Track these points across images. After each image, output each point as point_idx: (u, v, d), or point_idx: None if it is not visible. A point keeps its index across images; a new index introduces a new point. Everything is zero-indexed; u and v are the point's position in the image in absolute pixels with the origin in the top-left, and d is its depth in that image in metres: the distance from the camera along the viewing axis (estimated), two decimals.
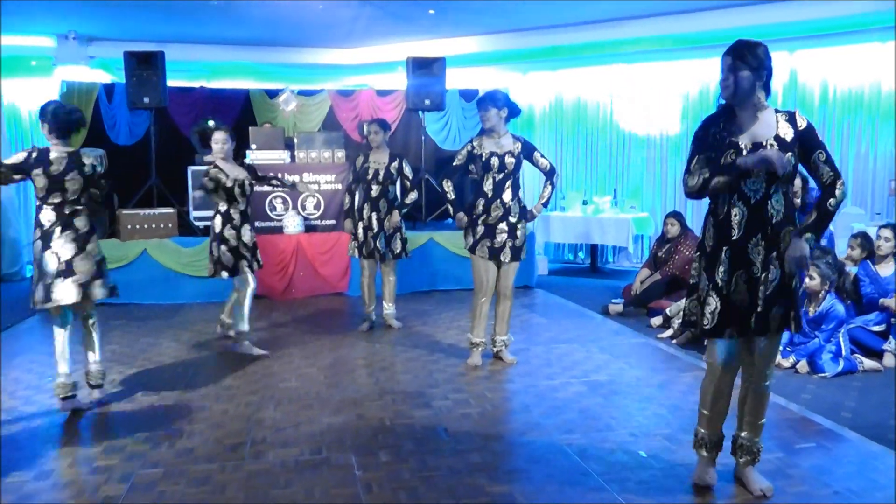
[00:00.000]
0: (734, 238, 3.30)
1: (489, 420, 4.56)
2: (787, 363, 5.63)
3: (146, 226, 8.42)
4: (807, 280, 5.70)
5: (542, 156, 5.56)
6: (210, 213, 6.08)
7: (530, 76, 11.60)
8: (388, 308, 6.96)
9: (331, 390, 5.14)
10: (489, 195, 5.39)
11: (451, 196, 5.55)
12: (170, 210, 8.64)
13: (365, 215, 6.58)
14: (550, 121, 11.68)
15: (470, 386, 5.22)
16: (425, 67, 9.27)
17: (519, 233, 5.46)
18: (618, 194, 10.66)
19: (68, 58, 9.72)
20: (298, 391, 5.12)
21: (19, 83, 11.12)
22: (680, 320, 6.49)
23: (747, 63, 3.24)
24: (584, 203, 10.46)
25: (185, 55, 10.23)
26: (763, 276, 3.30)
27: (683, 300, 6.55)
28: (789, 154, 3.24)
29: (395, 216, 6.57)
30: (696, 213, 10.19)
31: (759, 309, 3.32)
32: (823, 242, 6.73)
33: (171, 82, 9.38)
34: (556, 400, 4.89)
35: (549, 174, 5.58)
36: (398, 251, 6.69)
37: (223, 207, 5.87)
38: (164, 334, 6.88)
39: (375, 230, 6.54)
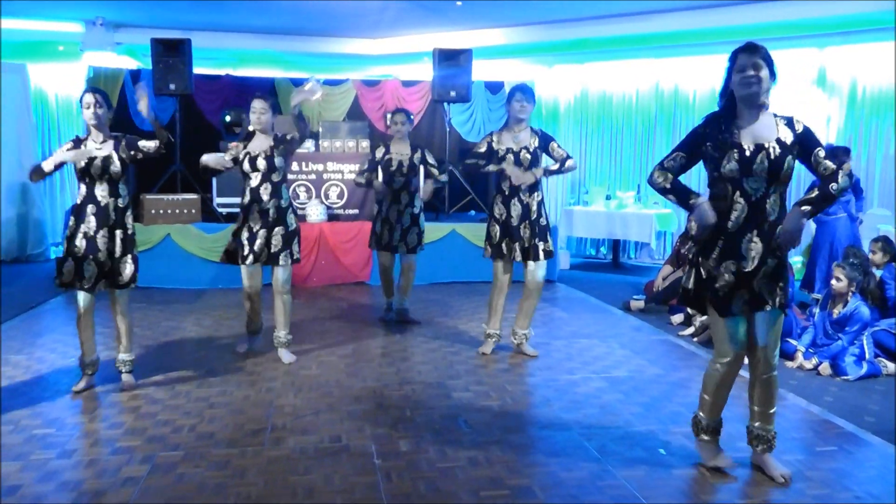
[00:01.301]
0: (730, 230, 3.43)
1: (509, 413, 4.55)
2: (809, 365, 5.58)
3: (169, 211, 8.48)
4: (833, 281, 5.65)
5: (558, 146, 5.49)
6: (237, 199, 5.97)
7: (556, 69, 11.55)
8: (404, 302, 6.77)
9: (351, 379, 5.16)
10: (506, 192, 5.40)
11: (481, 164, 5.46)
12: (193, 196, 8.70)
13: (384, 207, 6.46)
14: (575, 114, 11.62)
15: (490, 378, 5.21)
16: (452, 59, 9.25)
17: (539, 230, 5.43)
18: (641, 189, 10.60)
19: (96, 44, 9.78)
20: (319, 379, 5.14)
21: (47, 68, 11.22)
22: (702, 318, 6.48)
23: (768, 64, 3.35)
24: (608, 198, 10.41)
25: (212, 43, 10.27)
26: (759, 269, 3.44)
27: None
28: (789, 157, 3.37)
29: (430, 185, 6.47)
30: None
31: (746, 295, 3.48)
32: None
33: (198, 69, 9.45)
34: (577, 395, 4.88)
35: (564, 160, 5.45)
36: (413, 245, 6.50)
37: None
38: (186, 318, 6.93)
39: (393, 222, 6.42)
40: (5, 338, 6.17)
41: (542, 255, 5.47)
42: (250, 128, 5.46)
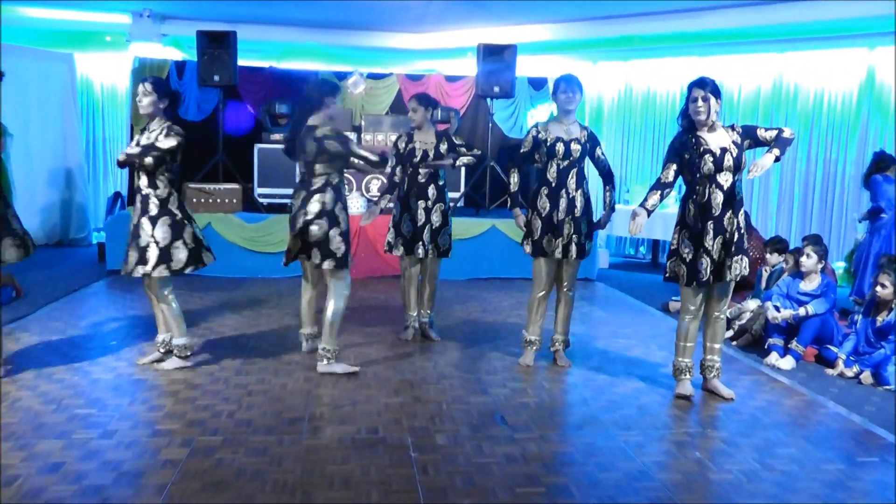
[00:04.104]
0: (716, 214, 4.53)
1: (546, 411, 4.54)
2: (850, 373, 5.43)
3: (211, 200, 8.58)
4: (878, 288, 5.52)
5: (602, 153, 5.32)
6: (279, 190, 5.97)
7: (600, 66, 11.45)
8: (425, 316, 6.10)
9: (388, 371, 5.17)
10: (553, 184, 5.14)
11: (514, 189, 5.31)
12: (235, 186, 8.79)
13: (412, 205, 5.79)
14: (619, 112, 11.51)
15: (528, 375, 5.20)
16: (496, 54, 9.20)
17: (583, 228, 5.23)
18: (683, 189, 10.46)
19: (142, 35, 9.90)
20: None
21: (94, 57, 11.43)
22: (741, 322, 6.39)
23: (714, 93, 4.50)
24: None
25: (257, 35, 10.33)
26: (731, 238, 4.56)
27: (746, 301, 6.50)
28: (745, 152, 4.59)
29: (463, 160, 5.85)
30: (761, 210, 9.98)
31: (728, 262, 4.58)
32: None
33: (242, 62, 9.52)
34: (615, 395, 4.84)
35: (609, 176, 5.36)
36: (445, 248, 5.90)
37: None
38: (226, 306, 7.00)
39: (421, 222, 5.77)
40: (48, 319, 6.31)
41: (587, 252, 5.32)
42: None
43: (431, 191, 5.78)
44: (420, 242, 5.76)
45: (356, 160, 5.00)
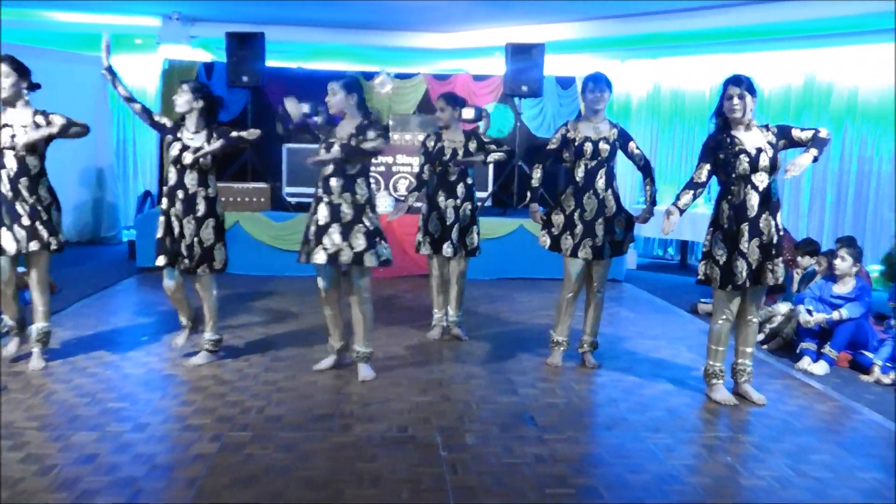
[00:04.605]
0: (752, 216, 4.44)
1: (575, 411, 4.51)
2: (887, 380, 5.31)
3: (239, 199, 8.64)
4: None
5: (637, 147, 5.27)
6: (307, 189, 5.99)
7: (628, 64, 11.37)
8: (453, 315, 6.07)
9: (417, 370, 5.17)
10: (580, 184, 5.10)
11: (535, 184, 5.26)
12: (263, 185, 8.84)
13: (441, 204, 5.78)
14: (648, 111, 11.42)
15: (556, 376, 5.17)
16: (524, 53, 9.19)
17: (617, 227, 5.18)
18: (711, 189, 10.35)
19: (171, 37, 10.01)
20: (386, 368, 5.15)
21: (125, 59, 11.53)
22: (772, 325, 6.30)
23: (750, 91, 4.43)
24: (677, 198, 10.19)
25: (284, 36, 10.38)
26: (769, 240, 4.47)
27: (777, 304, 6.41)
28: (780, 152, 4.51)
29: (494, 157, 5.82)
30: (792, 210, 9.84)
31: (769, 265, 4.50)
32: None
33: (269, 62, 9.59)
34: (643, 396, 4.80)
35: (647, 168, 5.30)
36: (473, 246, 5.85)
37: None
38: (253, 304, 7.04)
39: (450, 221, 5.74)
40: (80, 315, 6.40)
41: (624, 248, 5.31)
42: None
43: (461, 189, 5.76)
44: (448, 241, 5.74)
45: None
